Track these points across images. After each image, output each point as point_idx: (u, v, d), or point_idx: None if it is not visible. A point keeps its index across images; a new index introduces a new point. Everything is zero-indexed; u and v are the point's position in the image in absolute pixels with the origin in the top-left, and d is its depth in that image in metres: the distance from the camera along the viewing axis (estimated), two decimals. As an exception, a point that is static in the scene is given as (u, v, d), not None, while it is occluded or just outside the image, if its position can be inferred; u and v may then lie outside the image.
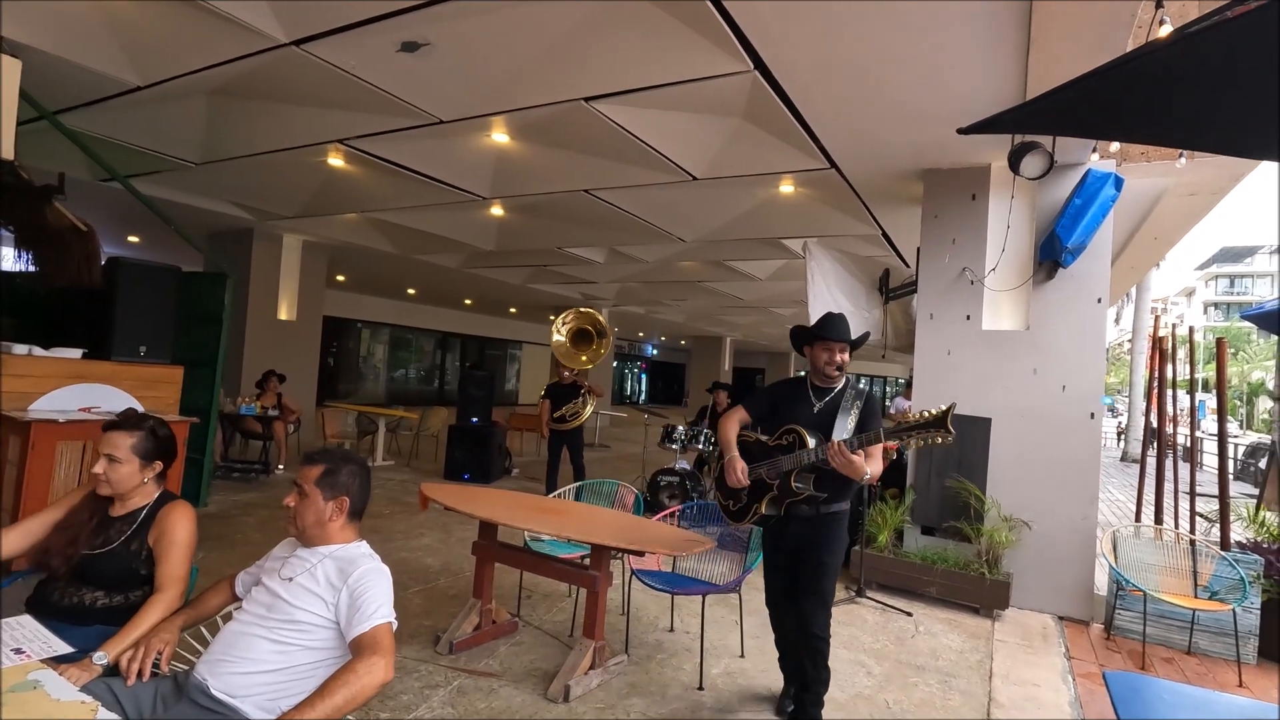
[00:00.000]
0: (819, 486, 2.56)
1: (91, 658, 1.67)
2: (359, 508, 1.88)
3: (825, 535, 2.61)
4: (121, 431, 1.99)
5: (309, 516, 1.79)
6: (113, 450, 1.96)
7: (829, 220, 6.54)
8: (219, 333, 5.73)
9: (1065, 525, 4.52)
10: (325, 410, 9.02)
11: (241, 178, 6.71)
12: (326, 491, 1.80)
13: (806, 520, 2.61)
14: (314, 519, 1.79)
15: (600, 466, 10.24)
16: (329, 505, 1.80)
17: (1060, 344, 4.66)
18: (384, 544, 5.13)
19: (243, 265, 9.08)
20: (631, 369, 30.82)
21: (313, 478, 1.81)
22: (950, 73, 3.61)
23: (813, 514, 2.59)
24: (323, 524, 1.80)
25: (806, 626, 2.60)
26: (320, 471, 1.82)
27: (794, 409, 2.67)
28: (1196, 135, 1.95)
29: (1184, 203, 5.85)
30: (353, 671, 1.52)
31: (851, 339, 2.67)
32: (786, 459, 2.56)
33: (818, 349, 2.66)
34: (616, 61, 3.82)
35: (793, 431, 2.59)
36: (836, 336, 2.63)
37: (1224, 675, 3.73)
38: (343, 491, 1.83)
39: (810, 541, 2.62)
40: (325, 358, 15.20)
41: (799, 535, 2.64)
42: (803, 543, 2.64)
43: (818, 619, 2.59)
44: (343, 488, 1.83)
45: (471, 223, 8.11)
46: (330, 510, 1.80)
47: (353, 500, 1.85)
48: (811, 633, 2.59)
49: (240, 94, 4.72)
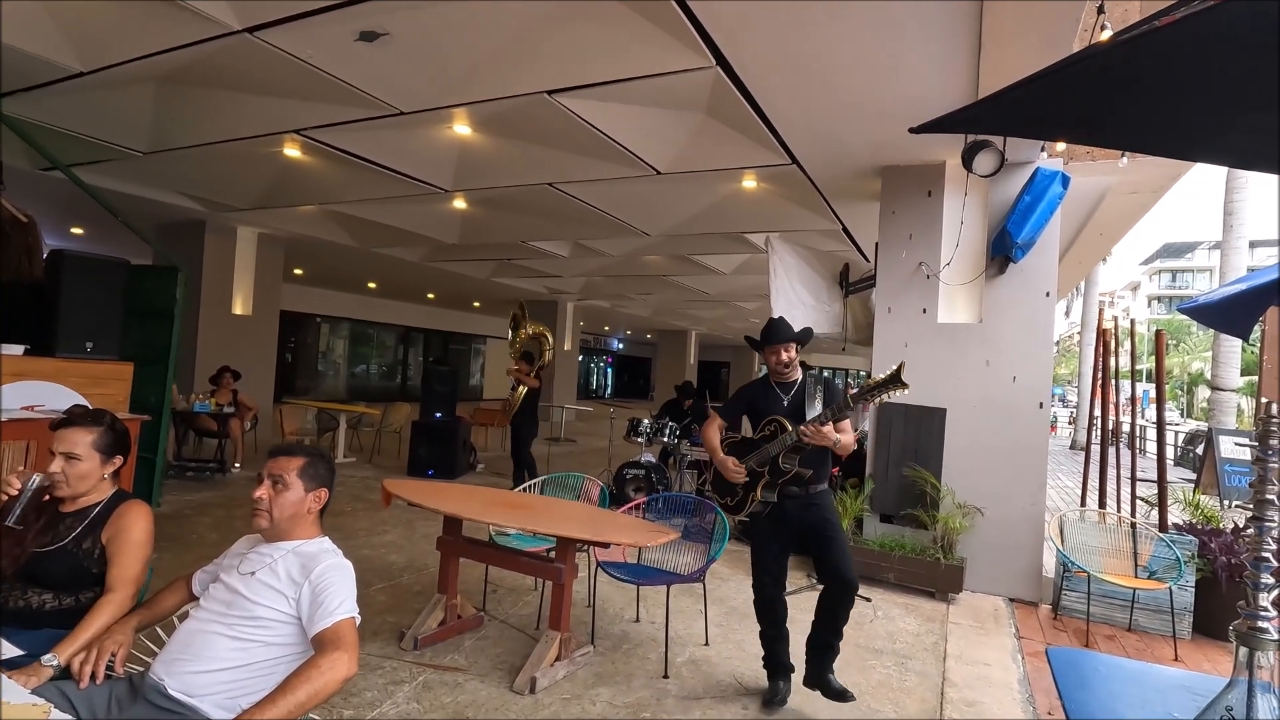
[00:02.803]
0: (803, 465, 2.83)
1: (41, 661, 1.63)
2: (327, 503, 1.88)
3: (821, 505, 2.90)
4: (79, 428, 1.93)
5: (288, 508, 1.78)
6: (71, 448, 1.90)
7: (791, 215, 6.64)
8: (171, 328, 5.56)
9: (1016, 511, 4.69)
10: (283, 407, 8.81)
11: (192, 168, 6.51)
12: (309, 483, 1.81)
13: (800, 499, 2.87)
14: (293, 510, 1.78)
15: (566, 460, 10.23)
16: (309, 496, 1.81)
17: (1011, 336, 4.82)
18: (346, 541, 5.05)
19: (195, 258, 8.81)
20: (597, 363, 30.80)
21: (294, 469, 1.80)
22: (906, 72, 3.70)
23: (803, 493, 2.87)
24: (299, 516, 1.79)
25: (845, 576, 2.80)
26: (303, 463, 1.82)
27: (767, 406, 2.97)
28: (1134, 138, 2.04)
29: (1127, 200, 6.10)
30: (315, 667, 1.50)
31: (794, 337, 2.98)
32: (773, 445, 2.84)
33: (767, 353, 2.98)
34: (579, 55, 3.82)
35: (774, 421, 2.89)
36: (779, 340, 2.96)
37: (1161, 650, 3.93)
38: (323, 484, 1.84)
39: (811, 514, 2.88)
40: (283, 353, 14.84)
41: (798, 514, 2.88)
42: (805, 517, 2.88)
43: (850, 569, 2.82)
44: (323, 480, 1.84)
45: (433, 216, 8.01)
46: (310, 501, 1.81)
47: (331, 493, 1.87)
48: (849, 580, 2.80)
49: (191, 81, 4.58)
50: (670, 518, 3.87)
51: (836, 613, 2.88)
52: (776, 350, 2.95)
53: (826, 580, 2.89)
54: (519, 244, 9.02)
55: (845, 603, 2.87)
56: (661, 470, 6.71)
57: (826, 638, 2.91)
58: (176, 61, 4.18)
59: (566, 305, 16.69)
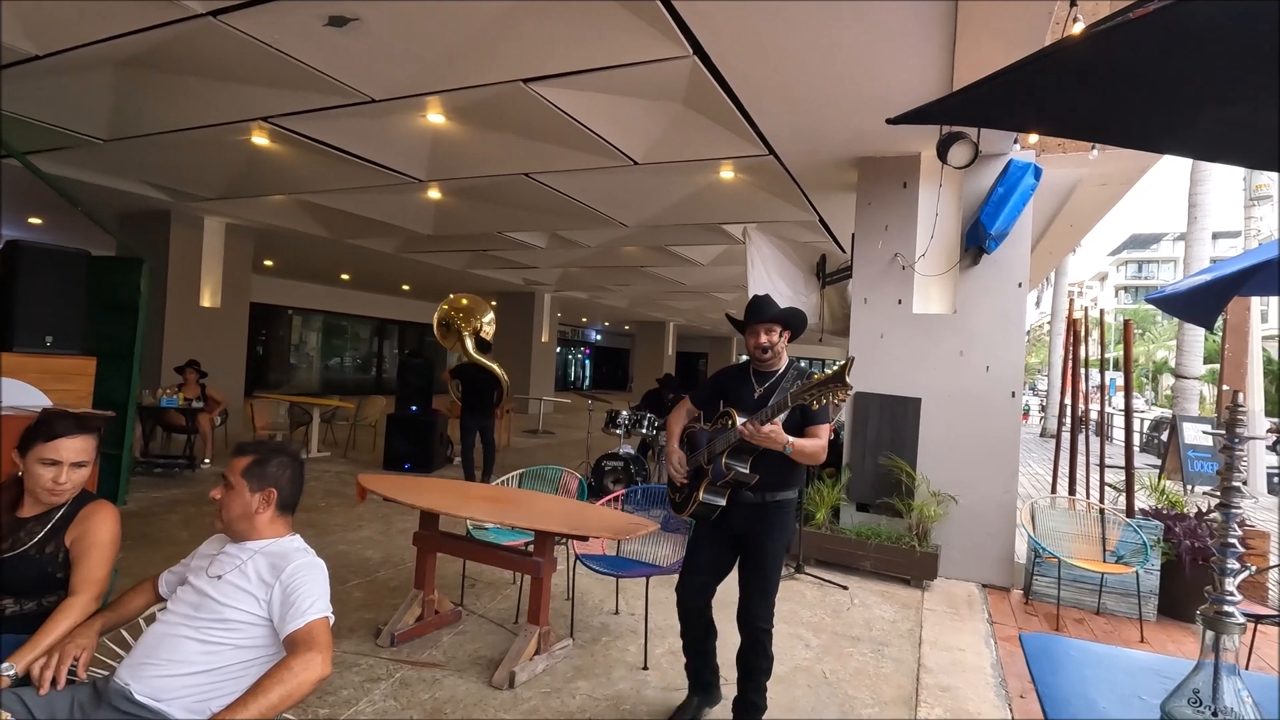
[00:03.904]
0: (759, 469, 2.44)
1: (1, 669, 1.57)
2: (289, 500, 1.80)
3: (770, 522, 2.52)
4: (84, 435, 1.88)
5: (235, 509, 1.72)
6: (84, 457, 1.87)
7: (768, 206, 6.65)
8: (135, 321, 5.41)
9: (989, 499, 4.77)
10: (255, 401, 8.65)
11: (156, 156, 6.32)
12: (254, 483, 1.73)
13: (752, 507, 2.50)
14: (240, 511, 1.72)
15: (544, 452, 10.20)
16: (255, 498, 1.73)
17: (984, 326, 4.89)
18: (321, 537, 4.99)
19: (160, 249, 8.58)
20: (575, 355, 30.68)
21: (239, 469, 1.73)
22: (883, 63, 3.71)
23: (759, 501, 2.49)
24: (249, 517, 1.72)
25: (751, 620, 2.52)
26: (248, 462, 1.74)
27: (737, 394, 2.60)
28: (1105, 129, 2.07)
29: (1097, 192, 6.21)
30: (288, 669, 1.47)
31: (778, 316, 2.58)
32: (719, 440, 2.49)
33: (747, 335, 2.61)
34: (555, 43, 3.76)
35: (726, 414, 2.48)
36: (759, 318, 2.56)
37: (1128, 632, 4.03)
38: (270, 483, 1.75)
39: (756, 529, 2.51)
40: (254, 346, 14.57)
41: (744, 523, 2.52)
42: (748, 530, 2.52)
43: (761, 611, 2.52)
44: (271, 479, 1.75)
45: (408, 206, 7.88)
46: (257, 502, 1.73)
47: (282, 492, 1.77)
48: (756, 626, 2.52)
49: (153, 66, 4.43)
50: (649, 509, 3.87)
51: (751, 671, 2.54)
52: (756, 331, 2.55)
53: (739, 622, 2.54)
54: (495, 235, 8.93)
55: (757, 659, 2.52)
56: (640, 462, 6.72)
57: (748, 696, 2.57)
58: (137, 46, 4.04)
59: (544, 297, 16.58)
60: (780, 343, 2.58)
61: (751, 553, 2.55)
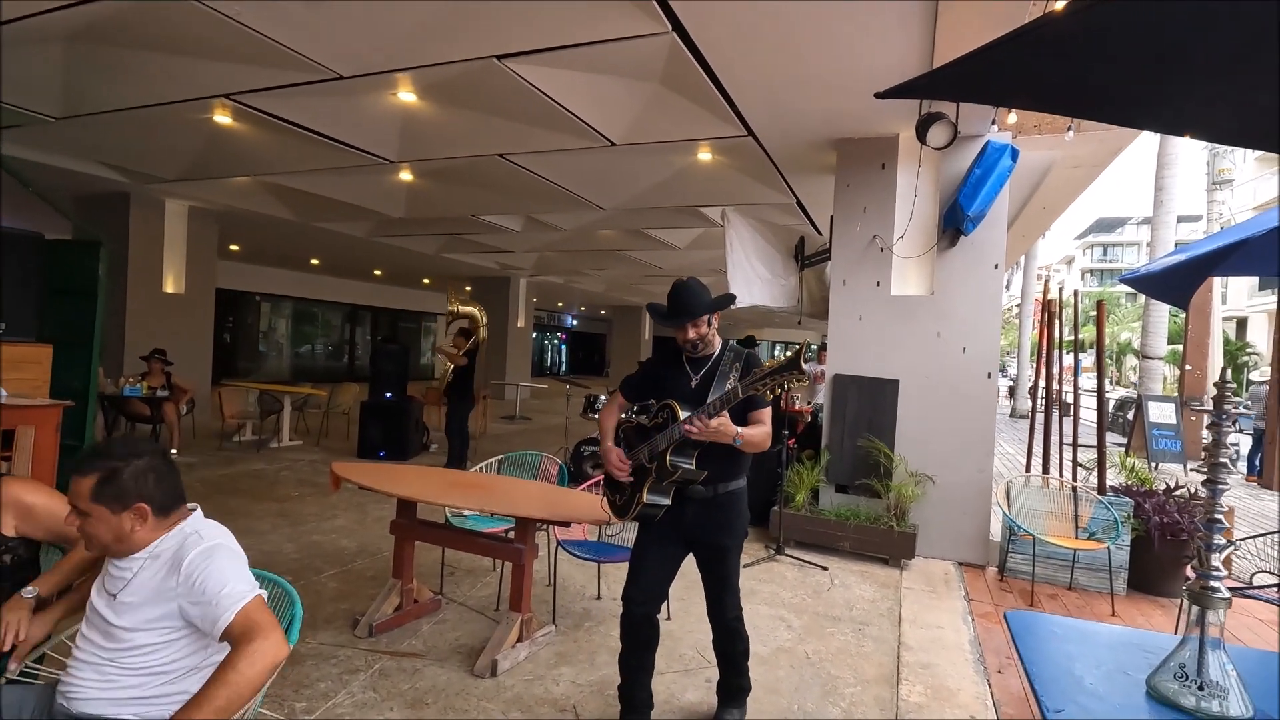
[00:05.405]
0: (705, 464, 2.31)
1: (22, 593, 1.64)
2: (167, 502, 1.54)
3: (724, 516, 2.40)
4: None
5: (104, 536, 1.48)
6: None
7: (746, 189, 6.61)
8: (94, 307, 5.19)
9: (965, 478, 4.83)
10: (222, 389, 8.42)
11: (113, 136, 6.07)
12: (113, 505, 1.46)
13: (703, 503, 2.37)
14: (112, 536, 1.48)
15: (523, 438, 10.12)
16: (124, 517, 1.48)
17: (961, 308, 4.92)
18: (295, 528, 4.89)
19: (119, 233, 8.28)
20: (551, 340, 30.52)
21: (85, 494, 1.46)
22: (864, 43, 3.67)
23: (710, 495, 2.36)
24: (125, 538, 1.49)
25: (722, 614, 2.48)
26: (92, 484, 1.46)
27: (673, 384, 2.43)
28: (1085, 104, 2.07)
29: (1070, 174, 6.27)
30: (232, 669, 1.33)
31: (701, 312, 2.37)
32: (661, 437, 2.30)
33: (675, 330, 2.42)
34: (531, 17, 3.65)
35: (667, 407, 2.32)
36: (683, 316, 2.37)
37: (1099, 606, 4.12)
38: (134, 499, 1.48)
39: (708, 525, 2.39)
40: (221, 333, 14.23)
41: (696, 521, 2.38)
42: (701, 528, 2.39)
43: (729, 603, 2.47)
44: (132, 494, 1.48)
45: (378, 188, 7.69)
46: (129, 522, 1.49)
47: (153, 501, 1.51)
48: (727, 618, 2.48)
49: (105, 40, 4.22)
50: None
51: (730, 658, 2.55)
52: (684, 328, 2.38)
53: (709, 616, 2.52)
54: (469, 218, 8.76)
55: (734, 646, 2.52)
56: (619, 446, 6.68)
57: (731, 679, 2.60)
58: (86, 17, 3.84)
59: (519, 281, 16.40)
60: (711, 330, 2.42)
61: (711, 553, 2.45)
